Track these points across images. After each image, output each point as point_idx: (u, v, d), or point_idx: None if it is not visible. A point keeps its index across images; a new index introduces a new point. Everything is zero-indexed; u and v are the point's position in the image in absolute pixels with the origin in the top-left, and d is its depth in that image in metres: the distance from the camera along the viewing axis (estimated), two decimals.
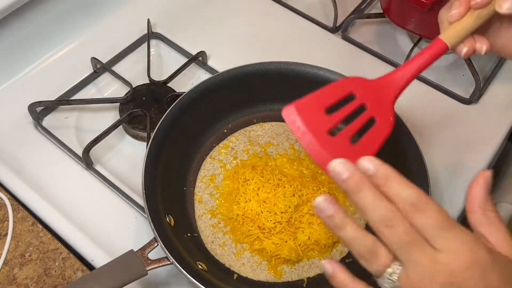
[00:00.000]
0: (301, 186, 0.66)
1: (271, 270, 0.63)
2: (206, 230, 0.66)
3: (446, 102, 0.81)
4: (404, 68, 0.51)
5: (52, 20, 0.82)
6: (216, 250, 0.64)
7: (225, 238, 0.65)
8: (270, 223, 0.64)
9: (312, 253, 0.64)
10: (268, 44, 0.88)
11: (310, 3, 0.95)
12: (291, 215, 0.64)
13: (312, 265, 0.64)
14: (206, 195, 0.68)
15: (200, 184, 0.70)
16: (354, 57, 0.86)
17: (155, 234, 0.58)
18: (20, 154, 0.74)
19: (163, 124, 0.68)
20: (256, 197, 0.65)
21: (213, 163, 0.71)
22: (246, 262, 0.64)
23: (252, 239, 0.64)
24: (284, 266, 0.63)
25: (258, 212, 0.64)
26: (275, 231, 0.64)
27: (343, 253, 0.64)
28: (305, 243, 0.63)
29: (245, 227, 0.65)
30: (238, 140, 0.72)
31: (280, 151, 0.70)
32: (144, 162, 0.64)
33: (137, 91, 0.79)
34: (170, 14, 0.92)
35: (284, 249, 0.63)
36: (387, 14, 0.86)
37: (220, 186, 0.69)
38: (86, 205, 0.70)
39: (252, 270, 0.63)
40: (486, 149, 0.76)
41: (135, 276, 0.56)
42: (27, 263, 0.64)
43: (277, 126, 0.73)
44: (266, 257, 0.63)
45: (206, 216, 0.67)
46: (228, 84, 0.73)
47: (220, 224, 0.66)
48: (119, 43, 0.86)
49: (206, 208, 0.67)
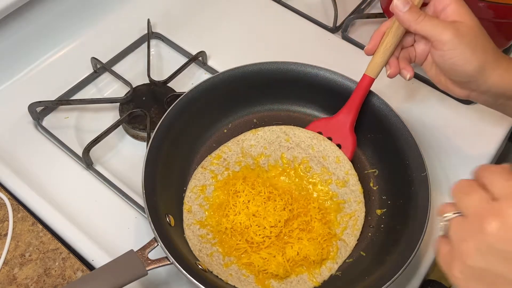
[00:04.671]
0: (292, 199, 0.65)
1: (258, 283, 0.62)
2: (194, 239, 0.64)
3: (446, 102, 0.81)
4: (349, 103, 0.70)
5: (52, 20, 0.82)
6: (203, 258, 0.63)
7: (213, 249, 0.64)
8: (259, 237, 0.63)
9: (301, 269, 0.63)
10: (268, 44, 0.88)
11: (310, 3, 0.95)
12: (280, 229, 0.63)
13: (301, 280, 0.62)
14: (196, 205, 0.67)
15: (190, 194, 0.68)
16: (354, 57, 0.86)
17: (155, 234, 0.58)
18: (20, 154, 0.74)
19: (163, 124, 0.68)
20: (246, 210, 0.64)
21: (204, 173, 0.69)
22: (234, 274, 0.62)
23: (240, 253, 0.63)
24: (272, 280, 0.62)
25: (247, 226, 0.64)
26: (263, 245, 0.63)
27: (332, 270, 0.63)
28: (293, 258, 0.62)
29: (233, 241, 0.64)
30: (231, 151, 0.71)
31: (272, 162, 0.70)
32: (144, 162, 0.64)
33: (137, 91, 0.79)
34: (170, 14, 0.92)
35: (272, 264, 0.62)
36: (387, 14, 0.86)
37: (210, 197, 0.67)
38: (86, 205, 0.70)
39: (240, 282, 0.62)
40: (486, 149, 0.76)
41: (135, 276, 0.56)
42: (27, 263, 0.64)
43: (270, 133, 0.72)
44: (253, 272, 0.62)
45: (195, 226, 0.65)
46: (228, 84, 0.73)
47: (208, 235, 0.65)
48: (119, 43, 0.86)
49: (195, 218, 0.66)
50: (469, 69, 0.59)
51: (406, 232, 0.61)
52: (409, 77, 0.64)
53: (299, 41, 0.89)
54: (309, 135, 0.72)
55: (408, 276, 0.65)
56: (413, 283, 0.65)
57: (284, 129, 0.73)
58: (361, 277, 0.61)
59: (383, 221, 0.66)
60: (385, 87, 0.78)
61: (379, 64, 0.65)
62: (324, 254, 0.63)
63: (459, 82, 0.62)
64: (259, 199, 0.65)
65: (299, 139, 0.72)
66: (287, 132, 0.72)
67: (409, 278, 0.65)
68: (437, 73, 0.64)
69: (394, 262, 0.59)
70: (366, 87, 0.68)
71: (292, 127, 0.73)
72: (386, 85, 0.81)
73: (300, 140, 0.71)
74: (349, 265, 0.64)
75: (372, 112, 0.70)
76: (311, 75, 0.73)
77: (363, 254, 0.64)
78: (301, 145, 0.71)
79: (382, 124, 0.70)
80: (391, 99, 0.70)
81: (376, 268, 0.61)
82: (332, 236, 0.64)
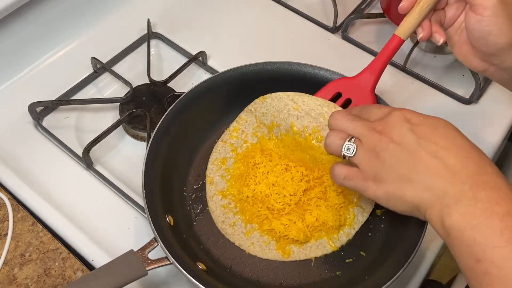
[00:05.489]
0: (307, 171, 0.66)
1: (279, 249, 0.64)
2: (217, 210, 0.67)
3: (446, 102, 0.81)
4: (374, 64, 0.67)
5: (52, 20, 0.83)
6: (226, 229, 0.66)
7: (235, 218, 0.66)
8: (279, 204, 0.65)
9: (320, 233, 0.65)
10: (268, 44, 0.88)
11: (310, 3, 0.95)
12: (300, 197, 0.65)
13: (320, 245, 0.64)
14: (218, 176, 0.69)
15: (211, 167, 0.70)
16: (354, 57, 0.86)
17: (155, 234, 0.58)
18: (20, 154, 0.74)
19: (163, 124, 0.68)
20: (266, 180, 0.66)
21: (224, 147, 0.72)
22: (255, 242, 0.65)
23: (261, 220, 0.65)
24: (292, 246, 0.64)
25: (268, 194, 0.65)
26: (284, 212, 0.65)
27: (349, 235, 0.65)
28: (312, 224, 0.64)
29: (254, 208, 0.66)
30: (247, 122, 0.72)
31: (283, 132, 0.70)
32: (144, 162, 0.64)
33: (137, 91, 0.79)
34: (170, 14, 0.92)
35: (293, 230, 0.64)
36: (387, 14, 0.86)
37: (231, 169, 0.69)
38: (86, 205, 0.70)
39: (261, 249, 0.64)
40: (486, 149, 0.76)
41: (135, 276, 0.56)
42: (27, 263, 0.64)
43: (278, 100, 0.70)
44: (275, 237, 0.64)
45: (217, 197, 0.68)
46: (228, 84, 0.73)
47: (230, 204, 0.67)
48: (119, 43, 0.86)
49: (217, 189, 0.68)
50: (502, 41, 0.57)
51: (406, 232, 0.61)
52: (442, 41, 0.61)
53: (299, 41, 0.89)
54: (319, 102, 0.68)
55: (408, 276, 0.65)
56: (413, 283, 0.65)
57: (292, 96, 0.69)
58: (361, 277, 0.61)
59: (383, 221, 0.66)
60: (385, 87, 0.79)
61: (412, 25, 0.61)
62: (341, 220, 0.64)
63: (484, 53, 0.59)
64: (277, 171, 0.67)
65: (308, 107, 0.68)
66: (295, 99, 0.69)
67: (409, 278, 0.65)
68: (461, 41, 0.61)
69: (394, 262, 0.59)
70: (395, 48, 0.64)
71: (301, 94, 0.69)
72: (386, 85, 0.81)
73: (310, 108, 0.68)
74: (349, 265, 0.64)
75: None
76: (311, 75, 0.73)
77: (363, 254, 0.64)
78: (311, 113, 0.68)
79: None
80: (392, 100, 0.70)
81: (376, 268, 0.61)
82: (349, 203, 0.65)
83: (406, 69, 0.84)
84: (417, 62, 0.86)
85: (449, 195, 0.47)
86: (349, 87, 0.68)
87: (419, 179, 0.49)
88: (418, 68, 0.85)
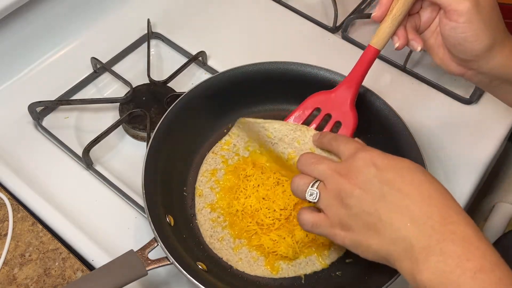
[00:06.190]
0: None
1: (268, 265, 0.63)
2: (206, 224, 0.66)
3: (446, 102, 0.81)
4: (350, 77, 0.65)
5: (52, 20, 0.82)
6: (214, 244, 0.65)
7: (224, 232, 0.65)
8: (269, 219, 0.64)
9: (310, 250, 0.64)
10: (268, 44, 0.88)
11: (310, 3, 0.95)
12: (290, 212, 0.64)
13: (309, 262, 0.64)
14: (207, 189, 0.69)
15: (201, 178, 0.70)
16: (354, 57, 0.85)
17: (155, 234, 0.58)
18: (20, 154, 0.74)
19: (163, 124, 0.68)
20: (256, 193, 0.66)
21: (215, 158, 0.71)
22: (244, 257, 0.64)
23: (250, 235, 0.65)
24: (281, 262, 0.64)
25: (258, 208, 0.65)
26: (273, 227, 0.64)
27: (340, 252, 0.64)
28: (302, 240, 0.63)
29: (244, 223, 0.65)
30: (239, 136, 0.72)
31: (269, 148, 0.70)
32: (144, 162, 0.64)
33: (137, 91, 0.79)
34: (170, 14, 0.92)
35: (282, 246, 0.63)
36: None
37: (221, 180, 0.69)
38: (86, 205, 0.70)
39: (249, 265, 0.64)
40: (486, 149, 0.76)
41: (135, 276, 0.56)
42: (27, 263, 0.64)
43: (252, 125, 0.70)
44: (263, 253, 0.64)
45: (206, 210, 0.67)
46: (228, 84, 0.73)
47: (219, 218, 0.66)
48: (119, 43, 0.86)
49: (206, 202, 0.68)
50: (478, 47, 0.55)
51: None
52: (420, 49, 0.60)
53: (299, 41, 0.89)
54: (291, 127, 0.67)
55: None
56: None
57: (263, 124, 0.68)
58: (361, 277, 0.61)
59: None
60: (385, 87, 0.79)
61: (387, 34, 0.59)
62: None
63: (461, 59, 0.58)
64: (268, 184, 0.66)
65: (280, 133, 0.67)
66: (266, 127, 0.68)
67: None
68: (437, 44, 0.60)
69: None
70: (370, 60, 0.63)
71: (271, 121, 0.68)
72: (386, 85, 0.82)
73: (283, 134, 0.67)
74: (349, 265, 0.64)
75: (372, 112, 0.70)
76: (311, 75, 0.73)
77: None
78: (284, 139, 0.67)
79: (382, 124, 0.70)
80: (391, 99, 0.70)
81: (376, 268, 0.61)
82: None
83: (406, 69, 0.84)
84: (417, 62, 0.86)
85: (416, 250, 0.45)
86: (328, 102, 0.66)
87: (385, 232, 0.48)
88: (418, 68, 0.85)
